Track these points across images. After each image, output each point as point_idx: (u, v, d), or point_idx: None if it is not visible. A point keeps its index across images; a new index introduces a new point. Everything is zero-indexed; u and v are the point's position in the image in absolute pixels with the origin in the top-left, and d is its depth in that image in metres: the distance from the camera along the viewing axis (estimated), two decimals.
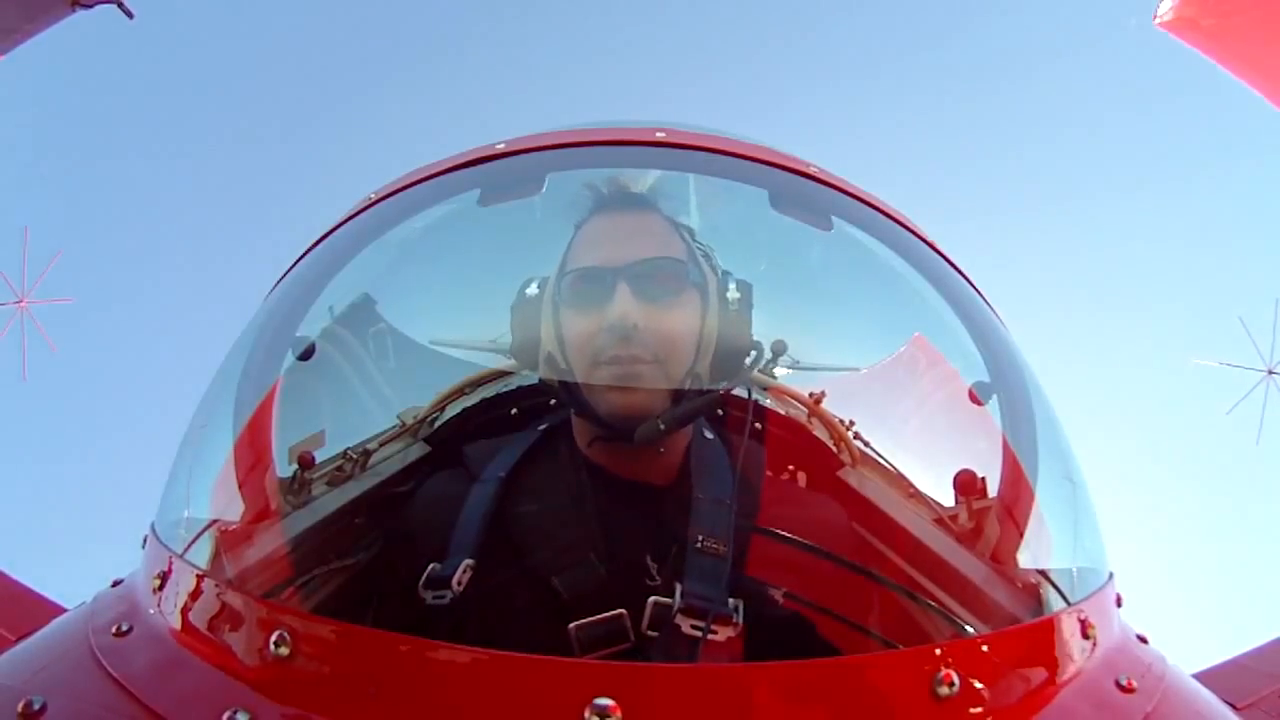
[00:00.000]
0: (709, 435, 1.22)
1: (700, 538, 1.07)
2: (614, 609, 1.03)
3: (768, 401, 1.46)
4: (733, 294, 1.25)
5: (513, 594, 1.10)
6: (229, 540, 1.23)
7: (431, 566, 1.06)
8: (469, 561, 1.06)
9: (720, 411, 1.26)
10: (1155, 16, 4.00)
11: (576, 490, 1.18)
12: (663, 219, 1.30)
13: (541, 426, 1.24)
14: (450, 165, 1.47)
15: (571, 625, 1.02)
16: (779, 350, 1.31)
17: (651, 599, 1.02)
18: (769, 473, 1.34)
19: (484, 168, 1.46)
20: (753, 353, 1.26)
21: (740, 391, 1.25)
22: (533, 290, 1.27)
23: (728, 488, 1.15)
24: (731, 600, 1.03)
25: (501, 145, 1.47)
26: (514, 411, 1.51)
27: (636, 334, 1.15)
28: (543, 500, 1.16)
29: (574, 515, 1.16)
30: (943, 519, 1.34)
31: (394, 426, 1.50)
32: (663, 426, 1.13)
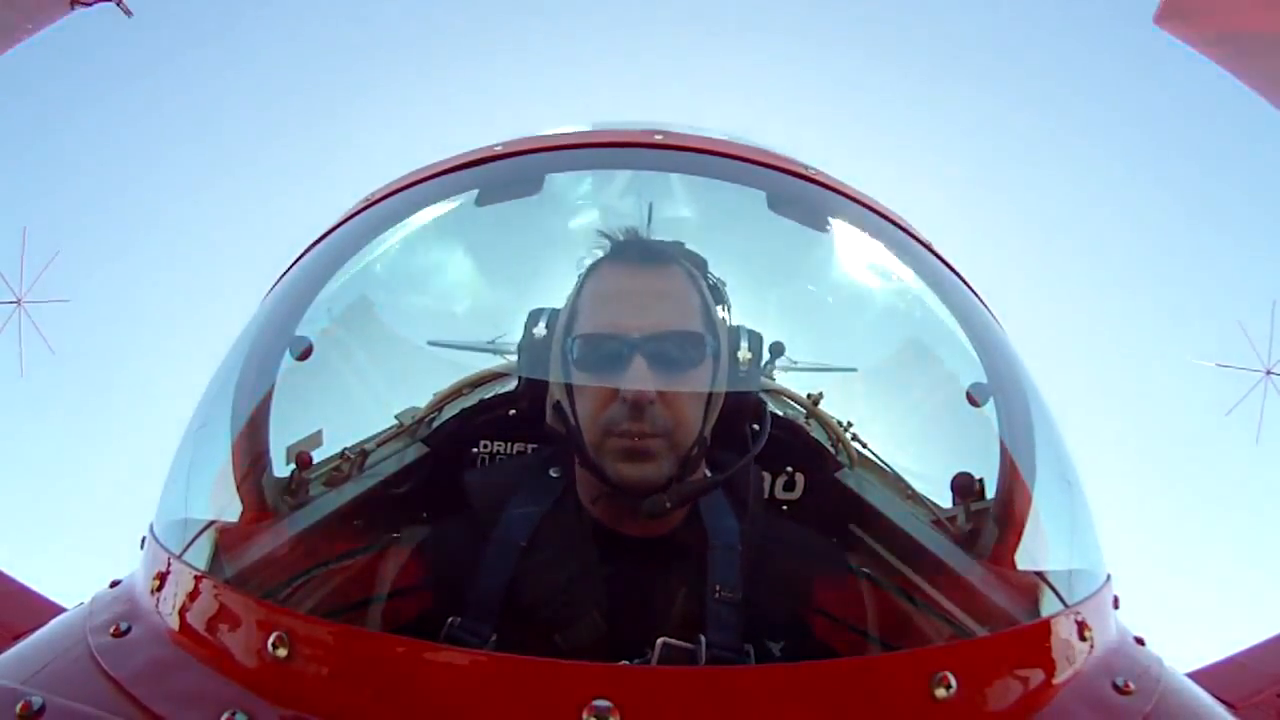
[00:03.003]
0: (708, 473, 1.23)
1: (718, 588, 1.12)
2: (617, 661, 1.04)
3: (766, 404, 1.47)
4: (744, 354, 1.23)
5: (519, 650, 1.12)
6: (227, 541, 1.23)
7: (450, 621, 1.08)
8: (494, 638, 1.08)
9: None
10: (1154, 16, 4.00)
11: (580, 549, 1.19)
12: (680, 273, 1.26)
13: (553, 473, 1.25)
14: (449, 166, 1.47)
15: None
16: (777, 351, 1.30)
17: (661, 640, 1.03)
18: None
19: (482, 168, 1.46)
20: (757, 426, 1.26)
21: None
22: (540, 331, 1.24)
23: (735, 532, 1.18)
24: (746, 645, 1.08)
25: (500, 146, 1.47)
26: (513, 413, 1.51)
27: (650, 410, 1.14)
28: (548, 558, 1.18)
29: (578, 572, 1.17)
30: (940, 521, 1.35)
31: (392, 427, 1.50)
32: (669, 505, 1.14)
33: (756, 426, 1.24)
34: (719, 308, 1.26)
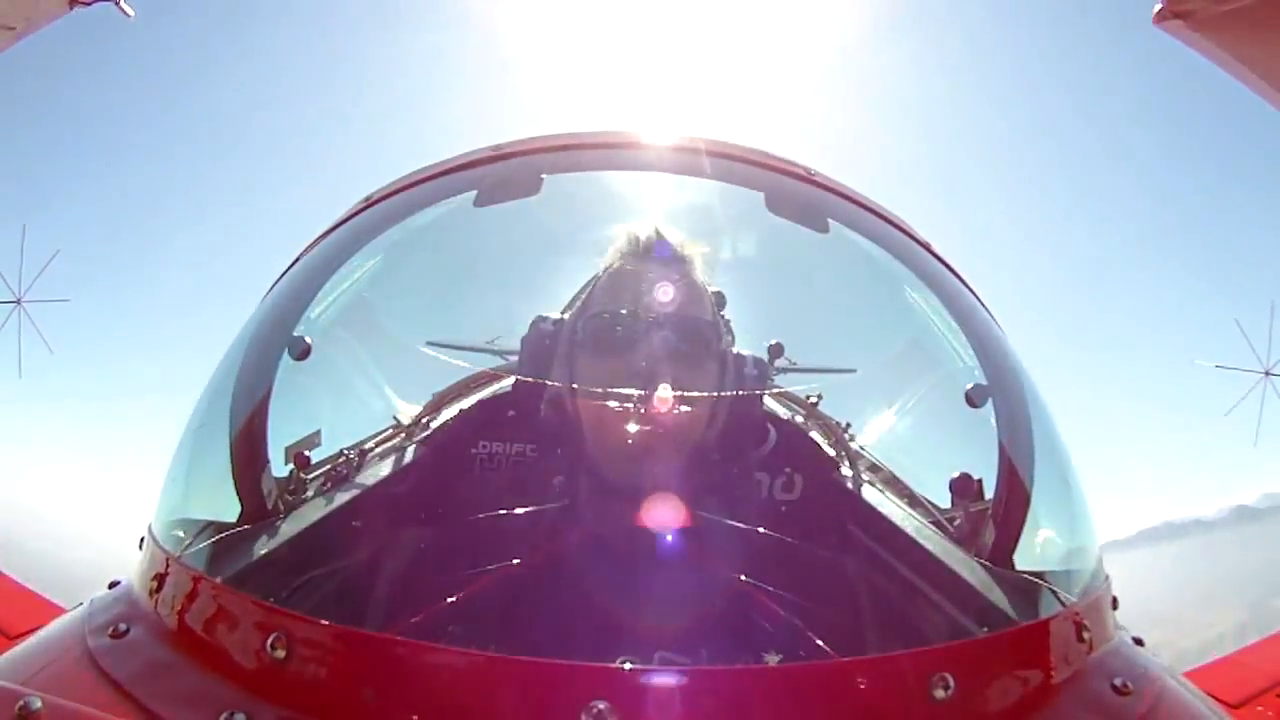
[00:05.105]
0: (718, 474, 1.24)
1: (716, 593, 1.14)
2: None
3: (764, 404, 1.46)
4: (750, 370, 1.25)
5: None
6: (225, 541, 1.23)
7: (449, 633, 1.10)
8: (492, 645, 1.08)
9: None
10: (1154, 16, 4.00)
11: (578, 555, 1.21)
12: (695, 273, 1.28)
13: (554, 479, 1.26)
14: (447, 167, 1.48)
15: None
16: (776, 352, 1.31)
17: (658, 654, 1.04)
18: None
19: (480, 169, 1.47)
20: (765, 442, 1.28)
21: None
22: (547, 327, 1.26)
23: (733, 534, 1.19)
24: (744, 650, 1.10)
25: (497, 148, 1.48)
26: (512, 414, 1.51)
27: (652, 404, 1.14)
28: (546, 563, 1.19)
29: (575, 579, 1.18)
30: (939, 521, 1.35)
31: (390, 427, 1.50)
32: (662, 504, 1.14)
33: (770, 430, 1.27)
34: (727, 333, 1.28)
